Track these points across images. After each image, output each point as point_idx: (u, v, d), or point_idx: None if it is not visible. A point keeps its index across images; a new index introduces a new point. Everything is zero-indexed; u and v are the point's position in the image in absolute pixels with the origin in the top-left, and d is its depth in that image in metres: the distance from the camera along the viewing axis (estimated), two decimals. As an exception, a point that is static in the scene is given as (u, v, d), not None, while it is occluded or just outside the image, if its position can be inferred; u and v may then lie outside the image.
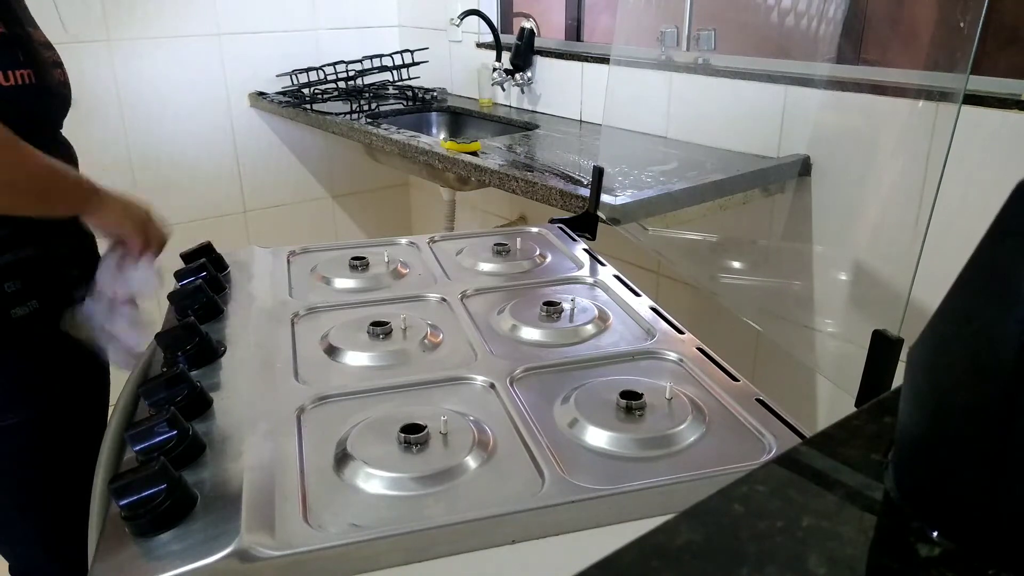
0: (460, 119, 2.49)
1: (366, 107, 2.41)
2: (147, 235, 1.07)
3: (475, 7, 2.40)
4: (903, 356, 0.65)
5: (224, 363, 0.88)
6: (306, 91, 2.43)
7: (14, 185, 0.90)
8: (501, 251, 1.21)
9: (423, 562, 0.62)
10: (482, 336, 0.95)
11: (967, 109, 1.32)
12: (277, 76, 2.53)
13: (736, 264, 1.78)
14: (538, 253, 1.22)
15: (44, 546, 1.13)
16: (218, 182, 2.52)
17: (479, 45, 2.48)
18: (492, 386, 0.84)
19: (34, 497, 1.09)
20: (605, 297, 1.08)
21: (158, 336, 0.90)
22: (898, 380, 0.46)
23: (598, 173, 1.38)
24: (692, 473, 0.69)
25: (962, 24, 1.00)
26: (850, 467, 0.45)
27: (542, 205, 1.56)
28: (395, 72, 2.53)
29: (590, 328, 0.97)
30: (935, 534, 0.40)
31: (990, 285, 0.37)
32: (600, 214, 1.39)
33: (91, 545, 0.71)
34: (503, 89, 2.40)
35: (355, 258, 1.16)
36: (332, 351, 0.91)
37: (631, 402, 0.77)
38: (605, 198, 1.40)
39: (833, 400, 1.71)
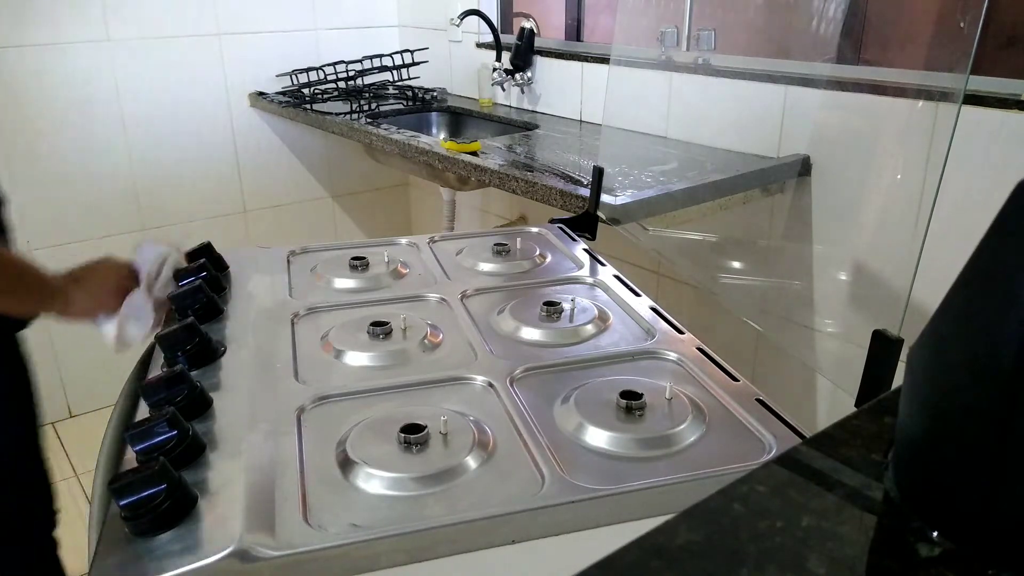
0: (460, 119, 2.49)
1: (366, 107, 2.40)
2: (127, 288, 1.02)
3: (475, 7, 2.39)
4: (903, 356, 0.65)
5: (224, 363, 0.88)
6: (306, 91, 2.43)
7: None
8: (501, 251, 1.21)
9: (423, 562, 0.62)
10: (482, 336, 0.95)
11: (967, 109, 1.32)
12: (277, 76, 2.53)
13: (736, 264, 1.78)
14: (538, 253, 1.22)
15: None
16: (218, 182, 2.52)
17: (479, 45, 2.48)
18: (492, 386, 0.84)
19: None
20: (605, 297, 1.08)
21: (158, 336, 0.90)
22: (898, 380, 0.46)
23: (598, 173, 1.38)
24: (692, 473, 0.69)
25: (962, 24, 1.00)
26: (850, 467, 0.45)
27: (542, 205, 1.56)
28: (395, 72, 2.53)
29: (590, 328, 0.97)
30: (935, 534, 0.40)
31: (990, 285, 0.37)
32: (600, 214, 1.39)
33: (91, 545, 0.71)
34: (503, 89, 2.40)
35: (355, 258, 1.16)
36: (332, 351, 0.91)
37: (631, 402, 0.77)
38: (605, 198, 1.40)
39: (833, 400, 1.71)
